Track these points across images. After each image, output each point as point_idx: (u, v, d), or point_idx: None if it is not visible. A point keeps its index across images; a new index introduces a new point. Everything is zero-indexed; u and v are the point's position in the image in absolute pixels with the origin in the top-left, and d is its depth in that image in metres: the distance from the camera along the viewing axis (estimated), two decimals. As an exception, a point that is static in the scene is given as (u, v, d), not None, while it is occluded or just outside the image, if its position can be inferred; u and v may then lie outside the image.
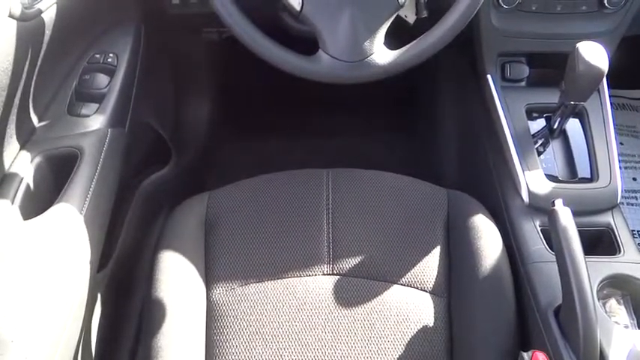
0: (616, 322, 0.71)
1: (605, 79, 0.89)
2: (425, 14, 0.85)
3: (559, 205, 0.72)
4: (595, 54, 0.73)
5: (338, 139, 1.29)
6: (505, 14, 0.85)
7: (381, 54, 0.66)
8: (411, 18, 0.85)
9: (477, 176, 0.94)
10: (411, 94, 1.32)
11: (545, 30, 0.86)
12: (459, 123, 1.08)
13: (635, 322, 0.72)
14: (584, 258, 0.73)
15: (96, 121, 0.79)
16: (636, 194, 1.24)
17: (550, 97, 0.86)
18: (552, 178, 0.83)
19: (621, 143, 1.31)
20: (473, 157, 0.99)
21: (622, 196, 1.23)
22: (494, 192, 0.87)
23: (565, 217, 0.71)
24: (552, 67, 0.88)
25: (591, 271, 0.74)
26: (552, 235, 0.71)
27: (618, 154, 1.33)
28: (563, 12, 0.84)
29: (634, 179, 1.25)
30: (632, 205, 1.22)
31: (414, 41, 0.67)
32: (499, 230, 0.79)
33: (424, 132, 1.27)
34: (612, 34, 0.87)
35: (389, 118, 1.37)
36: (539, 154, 0.87)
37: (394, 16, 0.66)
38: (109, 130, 0.80)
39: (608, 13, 0.85)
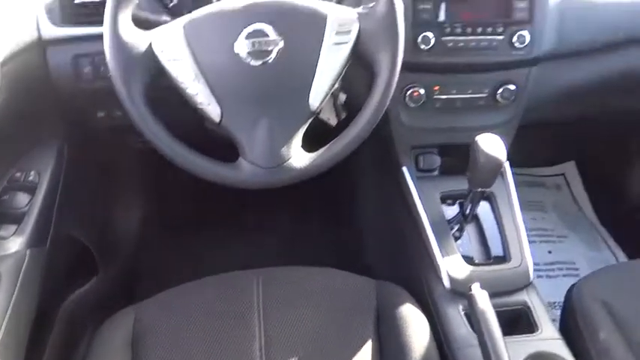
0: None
1: (507, 164, 0.98)
2: (344, 115, 0.92)
3: (476, 289, 0.76)
4: (493, 145, 0.80)
5: (270, 234, 1.31)
6: (413, 112, 0.92)
7: (298, 158, 0.69)
8: (332, 120, 0.91)
9: (402, 265, 0.98)
10: (340, 187, 1.37)
11: (449, 124, 0.94)
12: (383, 213, 1.13)
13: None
14: (504, 339, 0.77)
15: (14, 242, 0.77)
16: (553, 266, 1.32)
17: (461, 184, 0.92)
18: (469, 260, 0.88)
19: (534, 219, 1.41)
20: (397, 246, 1.02)
21: (539, 269, 1.32)
22: (418, 279, 0.90)
23: (482, 300, 0.75)
24: (461, 157, 0.96)
25: (512, 351, 0.78)
26: (472, 319, 0.74)
27: (527, 232, 1.43)
28: (464, 107, 0.93)
29: (549, 252, 1.34)
30: (550, 277, 1.29)
31: (329, 144, 0.71)
32: (426, 317, 0.81)
33: (353, 224, 1.31)
34: (508, 124, 0.96)
35: (320, 211, 1.40)
36: (456, 239, 0.92)
37: (309, 121, 0.71)
38: (28, 250, 0.77)
39: (502, 107, 0.94)
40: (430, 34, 0.85)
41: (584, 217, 1.45)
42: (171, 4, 0.86)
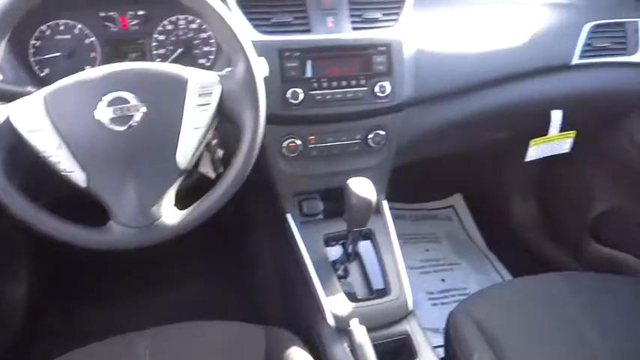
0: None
1: (385, 202, 1.06)
2: (221, 169, 0.95)
3: (354, 325, 0.81)
4: (363, 187, 0.87)
5: (161, 291, 1.30)
6: (292, 161, 0.97)
7: (170, 215, 0.71)
8: (211, 174, 0.94)
9: (293, 308, 1.01)
10: (228, 235, 1.39)
11: (327, 170, 1.00)
12: (275, 258, 1.16)
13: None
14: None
15: None
16: (447, 293, 1.40)
17: (343, 226, 0.98)
18: (353, 297, 0.92)
19: (427, 250, 1.50)
20: (288, 290, 1.05)
21: (435, 298, 1.40)
22: (306, 320, 0.93)
23: (360, 335, 0.79)
24: (342, 200, 1.01)
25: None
26: (353, 354, 0.78)
27: (422, 264, 1.51)
28: (340, 154, 1.00)
29: (443, 280, 1.42)
30: (444, 304, 1.37)
31: (199, 200, 0.74)
32: (315, 357, 0.84)
33: (247, 270, 1.33)
34: (382, 166, 1.04)
35: (210, 261, 1.41)
36: (343, 277, 0.97)
37: (180, 179, 0.74)
38: None
39: (375, 150, 1.02)
40: (299, 90, 0.91)
41: (473, 244, 1.56)
42: (43, 74, 0.88)
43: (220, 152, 0.93)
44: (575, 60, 1.12)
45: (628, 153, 1.21)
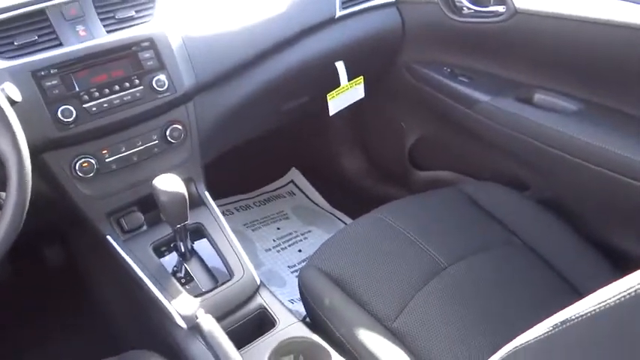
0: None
1: (207, 194, 1.05)
2: None
3: (201, 315, 0.79)
4: (170, 183, 0.85)
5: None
6: (91, 181, 0.92)
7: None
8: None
9: (146, 326, 0.96)
10: (71, 276, 1.29)
11: (133, 179, 0.96)
12: (115, 286, 1.09)
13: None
14: (250, 347, 0.81)
15: None
16: (305, 262, 1.44)
17: (169, 229, 0.96)
18: (199, 293, 0.90)
19: (279, 228, 1.53)
20: (135, 310, 1.00)
21: (296, 269, 1.43)
22: (162, 334, 0.89)
23: (208, 322, 0.78)
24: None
25: (258, 351, 0.83)
26: (205, 344, 0.76)
27: (278, 241, 1.53)
28: (142, 159, 0.97)
29: (299, 251, 1.46)
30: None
31: None
32: None
33: (93, 307, 1.24)
34: (192, 160, 1.02)
35: (58, 307, 1.30)
36: (186, 281, 0.94)
37: None
38: None
39: (178, 146, 1.00)
40: (70, 107, 0.86)
41: (320, 208, 1.62)
42: None
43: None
44: (339, 12, 1.20)
45: (411, 84, 1.33)
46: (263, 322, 0.90)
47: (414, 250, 0.99)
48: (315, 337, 0.83)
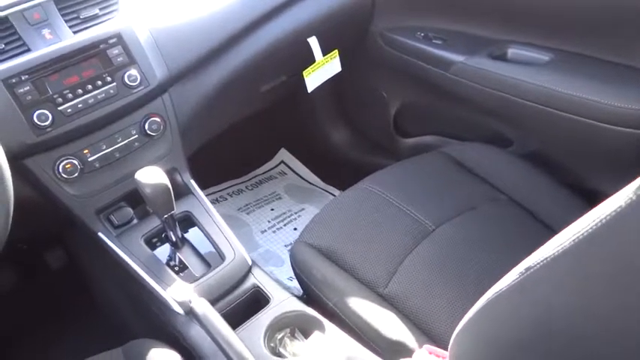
0: (294, 354, 0.82)
1: (192, 182, 1.06)
2: None
3: (194, 299, 0.81)
4: (152, 175, 0.86)
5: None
6: (77, 181, 0.92)
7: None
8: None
9: (148, 317, 0.98)
10: (75, 281, 1.32)
11: (118, 175, 0.97)
12: (114, 282, 1.12)
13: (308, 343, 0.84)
14: (245, 325, 0.84)
15: None
16: (302, 240, 1.47)
17: (156, 221, 0.98)
18: (193, 279, 0.92)
19: (272, 209, 1.54)
20: (136, 302, 1.03)
21: (288, 248, 1.45)
22: (163, 321, 0.92)
23: (201, 306, 0.80)
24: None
25: (254, 327, 0.85)
26: (201, 326, 0.79)
27: (273, 222, 1.54)
28: (124, 155, 0.98)
29: (295, 229, 1.48)
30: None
31: None
32: (182, 350, 0.83)
33: (98, 305, 1.27)
34: (174, 151, 1.03)
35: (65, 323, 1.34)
36: (180, 269, 0.96)
37: None
38: None
39: (159, 138, 1.01)
40: (45, 111, 0.87)
41: (312, 185, 1.64)
42: None
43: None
44: (306, -12, 1.20)
45: (387, 52, 1.33)
46: (258, 301, 0.92)
47: (401, 217, 1.01)
48: (309, 310, 0.86)
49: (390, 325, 0.84)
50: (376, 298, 0.89)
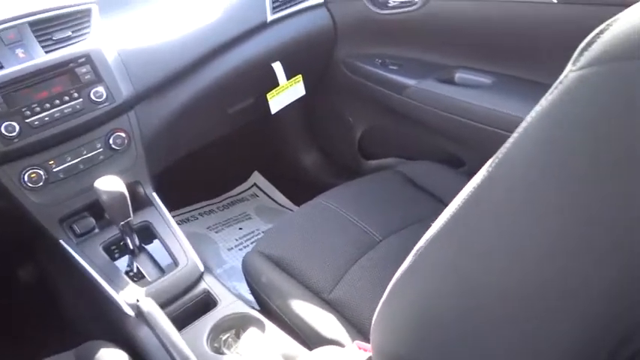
0: (237, 353, 0.86)
1: (154, 194, 1.12)
2: None
3: (141, 299, 0.86)
4: (110, 183, 0.92)
5: None
6: (41, 191, 0.98)
7: None
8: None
9: (105, 321, 1.02)
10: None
11: (81, 186, 1.02)
12: (71, 287, 1.16)
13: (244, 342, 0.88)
14: (191, 327, 0.87)
15: None
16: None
17: (116, 230, 1.03)
18: (146, 283, 0.97)
19: (240, 228, 1.59)
20: (93, 307, 1.06)
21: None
22: (116, 324, 0.96)
23: (147, 305, 0.84)
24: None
25: (199, 328, 0.89)
26: (147, 325, 0.83)
27: (241, 240, 1.58)
28: (88, 167, 1.04)
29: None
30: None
31: None
32: (131, 355, 0.87)
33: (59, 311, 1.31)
34: (137, 165, 1.09)
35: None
36: (136, 276, 1.00)
37: None
38: None
39: (123, 152, 1.07)
40: (13, 123, 0.93)
41: (281, 207, 1.69)
42: None
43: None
44: (270, 17, 1.29)
45: (350, 78, 1.41)
46: (207, 304, 0.96)
47: (351, 229, 1.06)
48: (253, 312, 0.90)
49: (328, 325, 0.88)
50: (319, 302, 0.93)
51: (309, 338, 0.86)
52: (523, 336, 0.48)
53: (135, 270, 1.01)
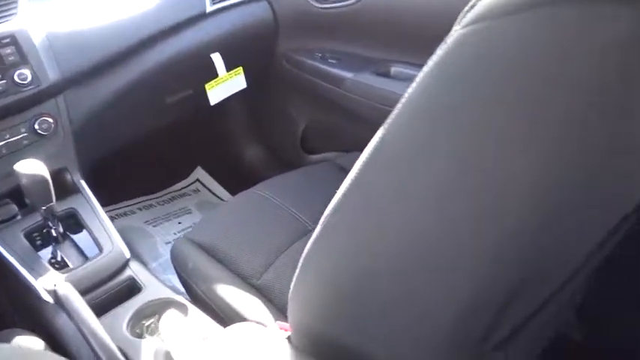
0: (160, 339, 0.84)
1: (83, 182, 1.09)
2: None
3: (59, 284, 0.83)
4: (30, 167, 0.89)
5: None
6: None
7: None
8: None
9: (25, 310, 0.98)
10: None
11: (4, 171, 0.98)
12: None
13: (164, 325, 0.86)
14: (114, 312, 0.85)
15: None
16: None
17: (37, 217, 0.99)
18: (68, 270, 0.94)
19: (180, 222, 1.57)
20: (16, 296, 1.02)
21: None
22: (37, 314, 0.92)
23: (65, 290, 0.82)
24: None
25: (120, 313, 0.87)
26: (64, 311, 0.80)
27: (179, 234, 1.56)
28: (12, 151, 1.00)
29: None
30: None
31: None
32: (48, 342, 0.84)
33: None
34: (65, 152, 1.06)
35: None
36: (61, 265, 0.97)
37: None
38: None
39: (50, 138, 1.04)
40: None
41: (222, 201, 1.68)
42: None
43: None
44: (209, 7, 1.28)
45: (291, 72, 1.42)
46: (132, 290, 0.94)
47: (284, 218, 1.06)
48: (177, 297, 0.88)
49: (251, 307, 0.87)
50: (246, 287, 0.92)
51: (232, 320, 0.86)
52: (417, 298, 0.49)
53: (59, 258, 0.98)
